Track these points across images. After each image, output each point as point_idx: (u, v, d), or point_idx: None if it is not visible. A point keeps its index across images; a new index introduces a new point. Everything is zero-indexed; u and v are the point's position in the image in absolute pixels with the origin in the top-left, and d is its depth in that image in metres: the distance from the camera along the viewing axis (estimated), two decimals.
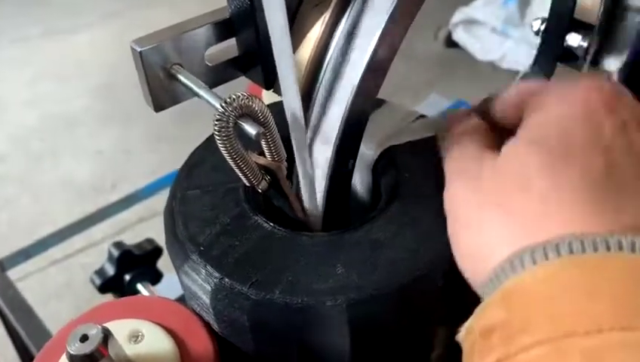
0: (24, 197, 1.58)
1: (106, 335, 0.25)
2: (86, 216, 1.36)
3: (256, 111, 0.26)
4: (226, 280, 0.28)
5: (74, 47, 2.22)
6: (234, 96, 0.25)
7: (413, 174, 0.33)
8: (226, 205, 0.32)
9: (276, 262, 0.29)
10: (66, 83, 2.01)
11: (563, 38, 0.49)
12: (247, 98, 0.25)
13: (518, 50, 1.87)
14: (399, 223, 0.30)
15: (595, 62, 0.50)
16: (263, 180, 0.29)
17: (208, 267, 0.29)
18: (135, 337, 0.29)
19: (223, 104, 0.25)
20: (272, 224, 0.31)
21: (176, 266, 0.31)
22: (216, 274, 0.28)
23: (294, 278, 0.28)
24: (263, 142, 0.28)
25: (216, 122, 0.25)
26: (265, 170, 0.29)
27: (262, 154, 0.29)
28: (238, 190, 0.33)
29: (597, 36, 0.48)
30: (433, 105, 1.08)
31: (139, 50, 0.27)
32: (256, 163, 0.28)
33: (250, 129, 0.26)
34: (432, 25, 2.06)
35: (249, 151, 0.28)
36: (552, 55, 0.51)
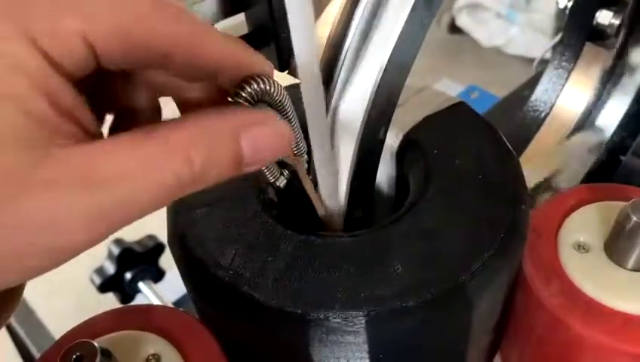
0: None
1: (104, 354, 0.22)
2: None
3: (275, 96, 0.22)
4: (272, 303, 0.24)
5: None
6: (249, 80, 0.21)
7: (443, 150, 0.29)
8: (243, 218, 0.28)
9: (323, 273, 0.25)
10: None
11: (592, 15, 0.46)
12: (264, 81, 0.21)
13: (523, 36, 1.84)
14: (447, 207, 0.27)
15: (627, 42, 0.47)
16: (281, 176, 0.26)
17: (247, 294, 0.25)
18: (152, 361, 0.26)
19: (237, 90, 0.21)
20: (301, 230, 0.27)
21: (206, 301, 0.27)
22: (259, 299, 0.24)
23: (351, 287, 0.24)
24: None
25: None
26: (281, 164, 0.26)
27: None
28: (251, 199, 0.28)
29: (630, 13, 0.45)
30: (445, 90, 1.04)
31: None
32: None
33: None
34: None
35: None
36: (580, 34, 0.48)
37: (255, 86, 0.21)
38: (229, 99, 0.21)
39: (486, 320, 0.28)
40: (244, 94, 0.21)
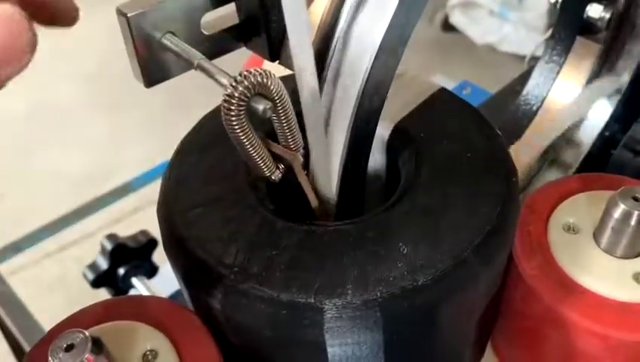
0: (14, 189, 1.54)
1: (96, 343, 0.22)
2: (79, 207, 1.33)
3: (272, 89, 0.22)
4: (283, 296, 0.24)
5: (63, 34, 2.17)
6: (246, 73, 0.21)
7: (430, 133, 0.30)
8: (241, 215, 0.27)
9: (330, 261, 0.25)
10: (55, 71, 1.97)
11: (583, 9, 0.46)
12: (261, 74, 0.21)
13: (516, 33, 1.84)
14: (442, 186, 0.27)
15: (617, 35, 0.47)
16: (277, 170, 0.25)
17: (255, 289, 0.24)
18: (150, 357, 0.26)
19: (234, 83, 0.21)
20: (304, 222, 0.27)
21: (210, 301, 0.27)
22: (269, 293, 0.24)
23: (360, 272, 0.24)
24: (277, 128, 0.24)
25: (225, 103, 0.22)
26: (277, 158, 0.25)
27: (270, 137, 0.25)
28: (245, 195, 0.28)
29: (621, 6, 0.45)
30: None
31: (126, 15, 0.24)
32: (269, 150, 0.25)
33: (259, 105, 0.22)
34: (427, 8, 2.02)
35: (259, 137, 0.24)
36: (571, 28, 0.48)
37: (252, 79, 0.21)
38: (226, 90, 0.21)
39: (488, 293, 0.29)
40: (240, 87, 0.21)
